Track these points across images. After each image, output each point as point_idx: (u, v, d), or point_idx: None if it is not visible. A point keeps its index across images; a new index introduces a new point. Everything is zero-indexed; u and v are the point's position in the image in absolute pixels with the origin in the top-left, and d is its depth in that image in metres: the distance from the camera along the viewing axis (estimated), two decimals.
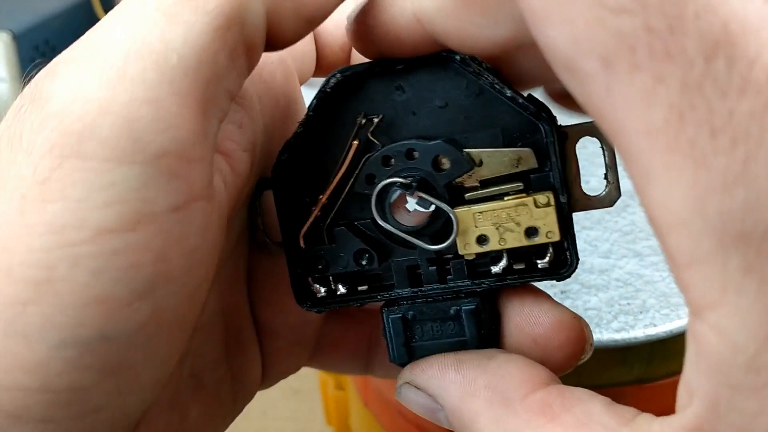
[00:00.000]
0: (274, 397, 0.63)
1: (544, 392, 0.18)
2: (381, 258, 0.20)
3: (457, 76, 0.19)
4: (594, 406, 0.17)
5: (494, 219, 0.19)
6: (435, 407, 0.20)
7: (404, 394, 0.20)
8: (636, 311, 0.27)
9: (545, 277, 0.19)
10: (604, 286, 0.28)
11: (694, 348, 0.15)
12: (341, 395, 0.43)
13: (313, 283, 0.21)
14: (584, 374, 0.28)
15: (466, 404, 0.19)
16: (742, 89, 0.13)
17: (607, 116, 0.14)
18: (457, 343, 0.20)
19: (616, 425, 0.16)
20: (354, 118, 0.20)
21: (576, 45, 0.13)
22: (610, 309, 0.27)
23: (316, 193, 0.20)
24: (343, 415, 0.44)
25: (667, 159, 0.13)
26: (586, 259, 0.29)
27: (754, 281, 0.13)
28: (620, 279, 0.28)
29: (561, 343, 0.20)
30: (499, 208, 0.19)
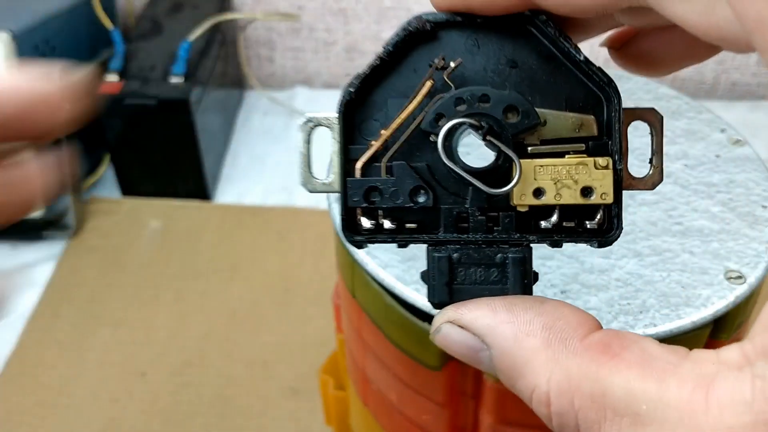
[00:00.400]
0: (274, 397, 0.63)
1: (601, 333, 0.19)
2: (435, 199, 0.21)
3: (532, 38, 0.20)
4: (649, 344, 0.18)
5: (554, 174, 0.20)
6: (479, 347, 0.20)
7: (445, 332, 0.21)
8: (636, 311, 0.27)
9: (591, 240, 0.20)
10: (604, 286, 0.28)
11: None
12: (341, 395, 0.43)
13: (362, 216, 0.21)
14: None
15: (521, 344, 0.19)
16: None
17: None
18: (498, 290, 0.21)
19: (677, 360, 0.17)
20: (426, 64, 0.21)
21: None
22: (610, 309, 0.27)
23: (378, 130, 0.21)
24: (343, 415, 0.44)
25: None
26: (586, 259, 0.29)
27: None
28: (620, 279, 0.28)
29: None
30: (560, 164, 0.20)
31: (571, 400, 0.18)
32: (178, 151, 0.78)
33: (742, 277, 0.28)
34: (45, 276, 0.73)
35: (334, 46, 0.97)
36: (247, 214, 0.79)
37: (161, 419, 0.61)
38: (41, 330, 0.68)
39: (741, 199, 0.32)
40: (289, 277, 0.72)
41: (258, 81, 0.98)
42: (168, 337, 0.67)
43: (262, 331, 0.67)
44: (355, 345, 0.34)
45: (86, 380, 0.64)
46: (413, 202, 0.21)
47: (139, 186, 0.81)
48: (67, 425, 0.61)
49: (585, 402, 0.18)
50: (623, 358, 0.18)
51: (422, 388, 0.30)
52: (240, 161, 0.88)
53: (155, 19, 0.86)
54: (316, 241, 0.76)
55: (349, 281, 0.32)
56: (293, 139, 0.91)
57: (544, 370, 0.19)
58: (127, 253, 0.75)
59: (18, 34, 0.66)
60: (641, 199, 0.32)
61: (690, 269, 0.29)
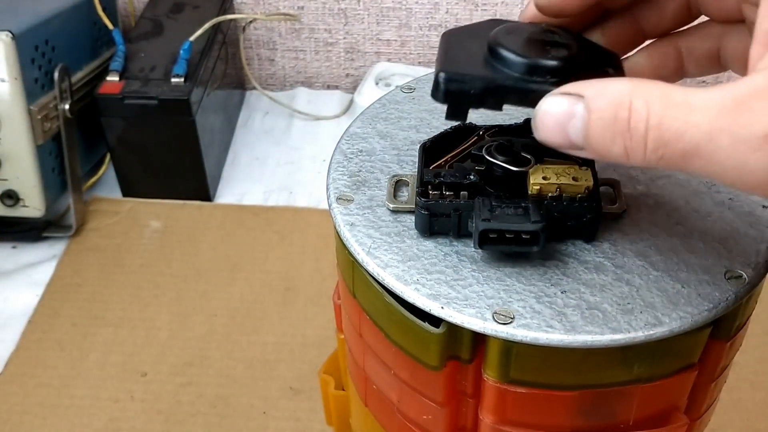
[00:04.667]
0: (274, 397, 0.63)
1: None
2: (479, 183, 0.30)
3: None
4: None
5: (556, 170, 0.29)
6: (575, 109, 0.23)
7: (544, 105, 0.25)
8: (636, 311, 0.27)
9: (583, 203, 0.29)
10: (604, 286, 0.28)
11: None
12: (341, 395, 0.43)
13: (431, 190, 0.29)
14: (584, 374, 0.28)
15: (612, 83, 0.23)
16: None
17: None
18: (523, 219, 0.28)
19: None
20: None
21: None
22: (610, 309, 0.27)
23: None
24: (343, 415, 0.44)
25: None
26: (586, 258, 0.29)
27: None
28: (620, 279, 0.28)
29: None
30: (561, 165, 0.29)
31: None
32: (179, 151, 0.78)
33: (742, 277, 0.28)
34: (45, 276, 0.73)
35: (334, 47, 0.97)
36: (248, 214, 0.79)
37: (162, 419, 0.61)
38: (41, 330, 0.68)
39: (741, 199, 0.32)
40: (290, 277, 0.72)
41: (258, 81, 0.98)
42: (168, 337, 0.67)
43: (262, 331, 0.68)
44: (355, 345, 0.34)
45: (86, 380, 0.64)
46: (464, 179, 0.29)
47: (139, 186, 0.81)
48: (67, 425, 0.61)
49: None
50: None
51: (422, 388, 0.30)
52: (240, 161, 0.88)
53: (156, 19, 0.87)
54: (317, 241, 0.76)
55: (349, 281, 0.32)
56: (294, 139, 0.91)
57: (640, 89, 0.22)
58: (128, 253, 0.75)
59: (18, 34, 0.66)
60: (642, 200, 0.32)
61: (690, 269, 0.29)
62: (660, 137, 0.22)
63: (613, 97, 0.22)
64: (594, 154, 0.24)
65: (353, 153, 0.34)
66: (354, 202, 0.32)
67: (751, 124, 0.20)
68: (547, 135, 0.25)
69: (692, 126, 0.21)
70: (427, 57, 0.97)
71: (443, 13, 0.93)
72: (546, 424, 0.29)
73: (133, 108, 0.75)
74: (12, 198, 0.71)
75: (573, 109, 0.23)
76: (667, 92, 0.22)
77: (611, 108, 0.22)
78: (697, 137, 0.21)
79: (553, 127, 0.24)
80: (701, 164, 0.21)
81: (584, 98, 0.23)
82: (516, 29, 0.29)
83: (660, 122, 0.21)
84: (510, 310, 0.27)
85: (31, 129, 0.69)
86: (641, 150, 0.22)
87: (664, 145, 0.22)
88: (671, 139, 0.21)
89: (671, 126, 0.21)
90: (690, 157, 0.21)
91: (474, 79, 0.27)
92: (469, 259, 0.29)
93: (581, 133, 0.23)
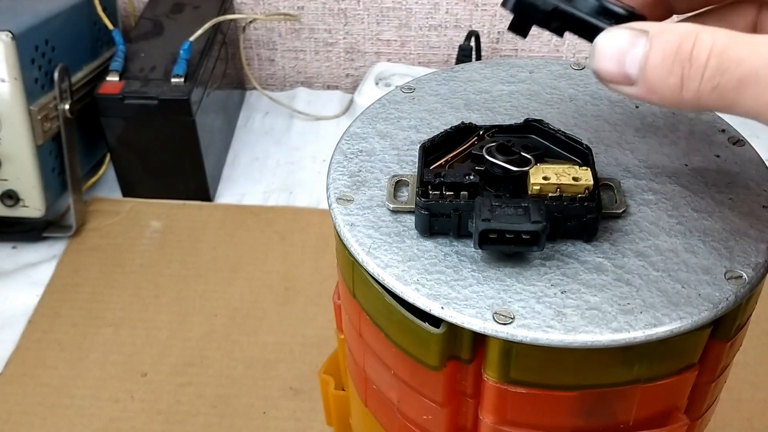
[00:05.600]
0: (274, 397, 0.63)
1: None
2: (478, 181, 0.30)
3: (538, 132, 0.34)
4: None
5: (556, 170, 0.29)
6: (638, 41, 0.23)
7: (606, 35, 0.25)
8: (636, 311, 0.27)
9: (584, 203, 0.29)
10: (604, 286, 0.28)
11: None
12: (341, 395, 0.43)
13: (431, 191, 0.30)
14: (584, 374, 0.28)
15: (708, 27, 0.23)
16: None
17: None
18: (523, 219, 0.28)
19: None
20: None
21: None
22: (610, 309, 0.27)
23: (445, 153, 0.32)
24: (343, 415, 0.44)
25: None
26: (586, 258, 0.29)
27: None
28: (620, 279, 0.28)
29: None
30: (561, 165, 0.30)
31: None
32: (179, 151, 0.78)
33: (742, 277, 0.28)
34: (45, 276, 0.73)
35: (334, 47, 0.97)
36: (248, 214, 0.79)
37: (162, 419, 0.61)
38: (41, 330, 0.68)
39: (741, 199, 0.32)
40: (290, 277, 0.72)
41: (258, 81, 0.98)
42: (168, 337, 0.67)
43: (262, 331, 0.68)
44: (355, 345, 0.34)
45: (87, 380, 0.64)
46: (465, 179, 0.29)
47: (139, 186, 0.81)
48: (67, 425, 0.61)
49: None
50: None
51: (422, 388, 0.30)
52: (241, 161, 0.88)
53: (156, 19, 0.86)
54: (317, 241, 0.76)
55: (349, 281, 0.32)
56: (294, 139, 0.91)
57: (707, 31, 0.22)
58: (128, 253, 0.75)
59: (18, 34, 0.66)
60: (642, 200, 0.32)
61: (690, 269, 0.29)
62: (720, 64, 0.22)
63: (679, 32, 0.23)
64: (646, 89, 0.24)
65: (353, 153, 0.34)
66: (354, 202, 0.32)
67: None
68: (603, 64, 0.24)
69: (754, 54, 0.22)
70: (427, 57, 0.97)
71: (443, 13, 0.93)
72: (546, 425, 0.29)
73: (133, 108, 0.75)
74: (12, 198, 0.71)
75: (635, 40, 0.24)
76: (732, 32, 0.22)
77: (677, 39, 0.23)
78: (757, 64, 0.21)
79: (612, 55, 0.24)
80: (754, 94, 0.22)
81: (648, 33, 0.23)
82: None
83: (723, 50, 0.22)
84: (510, 311, 0.27)
85: (31, 129, 0.69)
86: (698, 78, 0.22)
87: (722, 73, 0.22)
88: (731, 65, 0.22)
89: (734, 53, 0.22)
90: (745, 85, 0.22)
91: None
92: (469, 259, 0.29)
93: (638, 64, 0.23)
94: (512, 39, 0.95)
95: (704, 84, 0.22)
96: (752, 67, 0.22)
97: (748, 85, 0.22)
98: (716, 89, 0.22)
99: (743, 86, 0.22)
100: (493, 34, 0.94)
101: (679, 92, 0.23)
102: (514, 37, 0.94)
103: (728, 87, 0.22)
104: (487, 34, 0.94)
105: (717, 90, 0.22)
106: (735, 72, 0.22)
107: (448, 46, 0.96)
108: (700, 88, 0.22)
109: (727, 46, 0.22)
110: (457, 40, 0.95)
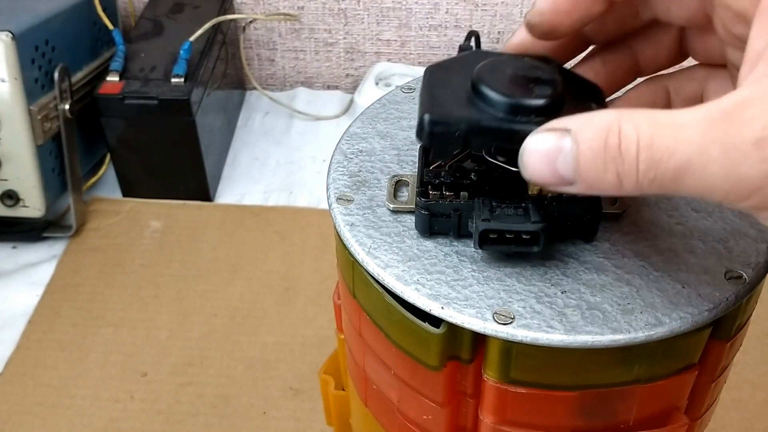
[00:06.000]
0: (274, 397, 0.63)
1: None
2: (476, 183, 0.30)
3: None
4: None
5: None
6: (562, 135, 0.23)
7: (529, 145, 0.24)
8: (636, 311, 0.27)
9: (584, 203, 0.29)
10: (604, 286, 0.28)
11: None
12: (341, 395, 0.43)
13: (431, 191, 0.30)
14: (584, 374, 0.28)
15: (599, 114, 0.23)
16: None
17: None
18: (523, 219, 0.28)
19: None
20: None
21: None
22: (611, 309, 0.27)
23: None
24: (343, 415, 0.44)
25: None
26: (586, 258, 0.29)
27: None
28: (620, 279, 0.28)
29: None
30: None
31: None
32: (179, 151, 0.78)
33: (742, 278, 0.28)
34: (45, 276, 0.73)
35: (334, 47, 0.97)
36: (248, 215, 0.79)
37: (162, 419, 0.61)
38: (41, 330, 0.68)
39: None
40: (290, 277, 0.72)
41: (258, 81, 0.98)
42: (168, 337, 0.67)
43: (262, 331, 0.68)
44: (355, 345, 0.34)
45: (87, 380, 0.64)
46: (466, 179, 0.30)
47: (139, 186, 0.81)
48: (67, 425, 0.61)
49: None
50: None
51: (422, 388, 0.30)
52: (241, 161, 0.88)
53: (156, 19, 0.86)
54: (317, 241, 0.76)
55: (349, 281, 0.32)
56: (294, 139, 0.91)
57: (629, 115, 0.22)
58: (128, 253, 0.75)
59: (18, 34, 0.66)
60: (642, 200, 0.32)
61: (691, 269, 0.29)
62: (651, 157, 0.21)
63: (601, 126, 0.22)
64: (585, 187, 0.23)
65: (353, 153, 0.34)
66: (354, 202, 0.32)
67: (741, 132, 0.20)
68: (536, 172, 0.24)
69: (682, 142, 0.21)
70: (427, 57, 0.97)
71: (443, 13, 0.93)
72: (546, 425, 0.29)
73: (133, 108, 0.75)
74: (12, 198, 0.71)
75: (560, 143, 0.23)
76: (652, 115, 0.22)
77: (601, 134, 0.22)
78: (688, 152, 0.21)
79: (542, 164, 0.24)
80: (693, 180, 0.21)
81: (570, 131, 0.23)
82: (499, 65, 0.28)
83: (650, 143, 0.21)
84: (510, 311, 0.27)
85: (31, 129, 0.69)
86: (633, 174, 0.22)
87: (656, 166, 0.21)
88: (663, 157, 0.21)
89: (662, 144, 0.21)
90: (682, 175, 0.21)
91: (458, 121, 0.27)
92: (470, 259, 0.29)
93: (571, 166, 0.23)
94: None
95: (641, 178, 0.22)
96: (684, 156, 0.21)
97: (685, 174, 0.21)
98: (655, 181, 0.22)
99: (680, 176, 0.21)
100: (493, 34, 0.94)
101: (620, 187, 0.22)
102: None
103: (666, 178, 0.22)
104: (487, 34, 0.94)
105: (656, 181, 0.22)
106: (669, 163, 0.21)
107: (448, 46, 0.96)
108: (639, 182, 0.22)
109: (653, 137, 0.21)
110: (457, 40, 0.95)
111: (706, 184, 0.21)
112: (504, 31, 0.94)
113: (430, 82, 0.29)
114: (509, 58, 0.29)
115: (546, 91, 0.27)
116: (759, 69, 0.22)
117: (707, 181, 0.21)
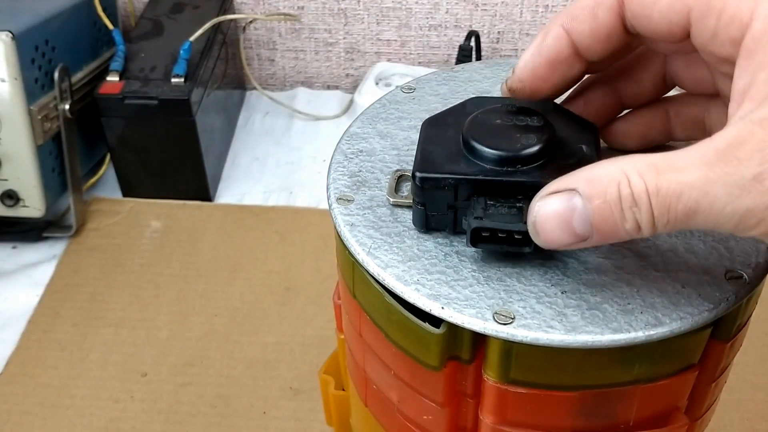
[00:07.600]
0: (274, 397, 0.63)
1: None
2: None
3: None
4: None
5: None
6: (571, 194, 0.24)
7: (537, 208, 0.25)
8: (636, 311, 0.27)
9: None
10: (604, 286, 0.28)
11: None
12: (341, 395, 0.43)
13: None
14: (585, 374, 0.28)
15: (603, 165, 0.24)
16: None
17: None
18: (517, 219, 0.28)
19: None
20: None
21: None
22: (611, 309, 0.27)
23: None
24: (343, 415, 0.44)
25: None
26: (586, 258, 0.29)
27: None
28: (620, 279, 0.28)
29: None
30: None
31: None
32: (179, 151, 0.78)
33: (742, 278, 0.28)
34: (45, 276, 0.73)
35: (334, 47, 0.97)
36: (248, 214, 0.79)
37: (162, 419, 0.61)
38: (41, 330, 0.68)
39: None
40: (290, 277, 0.72)
41: (258, 81, 0.98)
42: (168, 337, 0.67)
43: (262, 331, 0.68)
44: (355, 345, 0.34)
45: (87, 380, 0.64)
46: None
47: (139, 186, 0.81)
48: (67, 425, 0.61)
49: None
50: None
51: (422, 388, 0.30)
52: (241, 161, 0.88)
53: (156, 19, 0.87)
54: (317, 241, 0.76)
55: (349, 281, 0.32)
56: (294, 139, 0.91)
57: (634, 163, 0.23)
58: (128, 253, 0.75)
59: (18, 34, 0.66)
60: None
61: (691, 269, 0.29)
62: (662, 204, 0.23)
63: (609, 179, 0.23)
64: (600, 239, 0.24)
65: (353, 153, 0.34)
66: (354, 202, 0.32)
67: (739, 170, 0.22)
68: (554, 237, 0.25)
69: (687, 185, 0.22)
70: (427, 57, 0.97)
71: (443, 13, 0.93)
72: (546, 425, 0.29)
73: (133, 108, 0.75)
74: (12, 198, 0.71)
75: (571, 203, 0.24)
76: (650, 161, 0.23)
77: (612, 187, 0.23)
78: (694, 194, 0.22)
79: (559, 228, 0.24)
80: (704, 218, 0.23)
81: (576, 190, 0.24)
82: (488, 115, 0.29)
83: (658, 190, 0.23)
84: (510, 311, 0.27)
85: (31, 129, 0.69)
86: (650, 219, 0.23)
87: (668, 210, 0.23)
88: (671, 201, 0.23)
89: (669, 189, 0.23)
90: (693, 215, 0.23)
91: (448, 178, 0.28)
92: (470, 259, 0.29)
93: (588, 223, 0.24)
94: (512, 39, 0.95)
95: (657, 222, 0.23)
96: (690, 199, 0.22)
97: (695, 214, 0.23)
98: (669, 223, 0.23)
99: (691, 216, 0.23)
100: (493, 34, 0.94)
101: (639, 232, 0.24)
102: (514, 36, 0.94)
103: (679, 219, 0.23)
104: (487, 34, 0.94)
105: (670, 223, 0.23)
106: (678, 206, 0.23)
107: (448, 46, 0.96)
108: (657, 225, 0.23)
109: (659, 185, 0.23)
110: (457, 40, 0.95)
111: (716, 219, 0.23)
112: (504, 31, 0.94)
113: (424, 137, 0.30)
114: (500, 106, 0.30)
115: (532, 140, 0.28)
116: (744, 107, 0.23)
117: (716, 217, 0.23)
